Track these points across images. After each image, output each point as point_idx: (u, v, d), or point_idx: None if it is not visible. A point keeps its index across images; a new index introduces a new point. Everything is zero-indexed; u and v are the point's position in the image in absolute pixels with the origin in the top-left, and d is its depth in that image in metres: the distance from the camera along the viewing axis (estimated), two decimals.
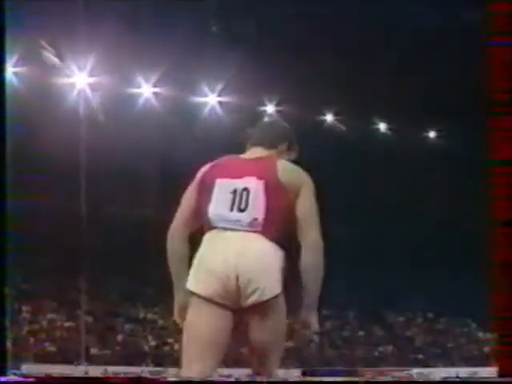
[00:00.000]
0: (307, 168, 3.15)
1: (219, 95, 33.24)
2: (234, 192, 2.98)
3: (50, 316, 28.48)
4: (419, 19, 30.74)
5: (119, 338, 28.44)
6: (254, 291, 2.88)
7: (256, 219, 2.95)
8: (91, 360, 25.88)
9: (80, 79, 30.33)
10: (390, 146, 35.52)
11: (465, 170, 32.57)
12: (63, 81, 30.25)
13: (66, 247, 29.10)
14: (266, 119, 3.41)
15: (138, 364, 26.33)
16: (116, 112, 31.11)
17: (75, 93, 30.56)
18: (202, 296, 2.92)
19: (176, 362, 28.60)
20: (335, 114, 35.85)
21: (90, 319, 29.31)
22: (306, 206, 3.00)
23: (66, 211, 30.65)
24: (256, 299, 2.89)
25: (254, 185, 2.97)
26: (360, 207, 32.35)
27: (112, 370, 25.16)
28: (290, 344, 3.34)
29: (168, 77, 31.36)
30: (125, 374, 25.12)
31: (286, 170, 3.05)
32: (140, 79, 31.92)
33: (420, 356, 32.11)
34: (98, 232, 31.22)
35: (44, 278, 29.18)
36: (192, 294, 2.95)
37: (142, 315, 30.90)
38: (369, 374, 28.78)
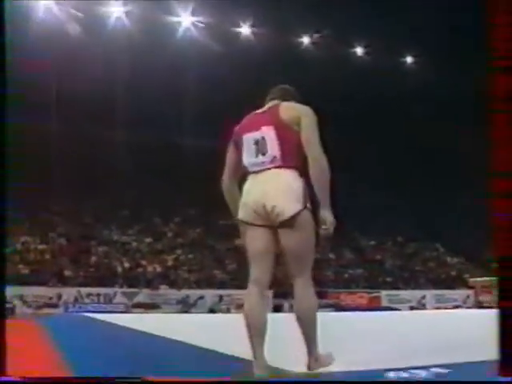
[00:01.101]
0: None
1: (193, 15, 32.47)
2: (257, 142, 3.83)
3: (23, 239, 28.41)
4: None
5: (93, 259, 28.55)
6: (278, 212, 3.71)
7: (275, 157, 3.77)
8: (65, 282, 26.01)
9: None
10: (366, 69, 35.24)
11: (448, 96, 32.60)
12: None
13: (40, 168, 28.78)
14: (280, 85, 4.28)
15: (111, 285, 26.52)
16: (86, 33, 30.32)
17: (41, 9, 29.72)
18: (244, 221, 3.85)
19: (149, 283, 28.88)
20: (311, 36, 35.33)
21: (63, 241, 29.33)
22: (307, 133, 3.74)
23: (40, 131, 30.23)
24: (280, 218, 3.71)
25: (267, 131, 3.80)
26: (336, 132, 32.28)
27: (85, 291, 25.38)
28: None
29: None
30: (98, 295, 25.38)
31: (286, 108, 3.84)
32: None
33: (389, 279, 32.76)
34: (72, 152, 30.96)
35: (17, 200, 28.93)
36: (240, 221, 3.88)
37: (115, 237, 30.98)
38: (339, 295, 29.43)
